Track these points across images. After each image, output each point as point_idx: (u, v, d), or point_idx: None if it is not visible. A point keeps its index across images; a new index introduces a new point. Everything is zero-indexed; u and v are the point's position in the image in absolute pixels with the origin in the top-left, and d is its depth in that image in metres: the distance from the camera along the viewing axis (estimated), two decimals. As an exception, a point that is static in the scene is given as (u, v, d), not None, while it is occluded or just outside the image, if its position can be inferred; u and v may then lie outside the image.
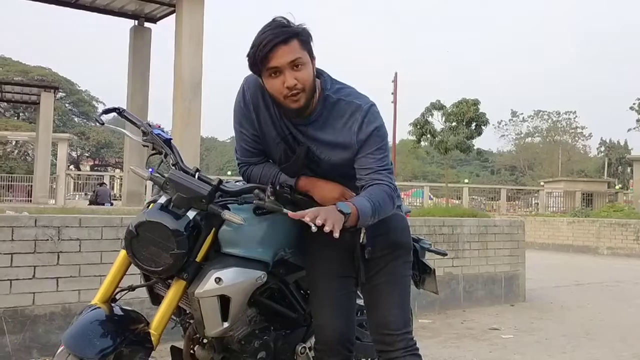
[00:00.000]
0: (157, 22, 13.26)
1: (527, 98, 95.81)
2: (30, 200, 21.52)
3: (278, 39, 1.84)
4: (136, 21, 13.12)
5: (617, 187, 37.59)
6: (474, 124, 28.53)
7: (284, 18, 1.90)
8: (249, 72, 1.99)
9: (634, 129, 45.35)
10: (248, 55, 1.89)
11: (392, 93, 26.49)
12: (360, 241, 2.04)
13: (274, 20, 1.90)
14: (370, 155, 1.96)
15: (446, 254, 3.05)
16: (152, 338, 1.86)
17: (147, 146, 2.05)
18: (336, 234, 1.71)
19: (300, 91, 1.89)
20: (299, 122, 2.01)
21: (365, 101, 2.00)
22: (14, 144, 40.03)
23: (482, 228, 6.37)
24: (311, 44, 1.94)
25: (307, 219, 1.72)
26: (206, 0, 10.49)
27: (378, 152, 1.97)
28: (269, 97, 1.99)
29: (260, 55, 1.85)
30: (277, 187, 1.99)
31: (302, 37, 1.90)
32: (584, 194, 30.94)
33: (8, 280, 3.61)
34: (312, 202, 2.03)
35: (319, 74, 2.03)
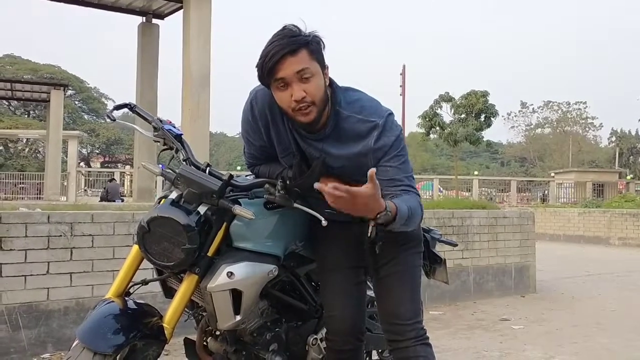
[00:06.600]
0: (165, 19, 13.30)
1: (537, 89, 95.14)
2: (42, 198, 21.66)
3: (285, 50, 1.76)
4: (144, 18, 13.18)
5: (628, 177, 37.29)
6: (483, 116, 28.36)
7: (294, 26, 1.82)
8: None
9: (645, 118, 44.92)
10: (257, 66, 1.83)
11: (400, 86, 26.41)
12: (369, 235, 1.91)
13: (283, 28, 1.82)
14: (389, 166, 1.87)
15: (456, 245, 3.05)
16: (166, 331, 1.88)
17: (158, 142, 2.06)
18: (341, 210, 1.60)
19: (309, 104, 1.82)
20: (311, 137, 1.95)
21: (380, 115, 1.90)
22: (24, 142, 40.34)
23: (492, 219, 6.36)
24: (323, 52, 1.86)
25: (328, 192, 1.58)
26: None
27: (396, 160, 1.88)
28: (279, 111, 1.93)
29: (267, 67, 1.79)
30: (287, 182, 1.98)
31: (312, 46, 1.81)
32: (594, 185, 30.74)
33: (23, 276, 3.66)
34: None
35: (329, 83, 1.93)
